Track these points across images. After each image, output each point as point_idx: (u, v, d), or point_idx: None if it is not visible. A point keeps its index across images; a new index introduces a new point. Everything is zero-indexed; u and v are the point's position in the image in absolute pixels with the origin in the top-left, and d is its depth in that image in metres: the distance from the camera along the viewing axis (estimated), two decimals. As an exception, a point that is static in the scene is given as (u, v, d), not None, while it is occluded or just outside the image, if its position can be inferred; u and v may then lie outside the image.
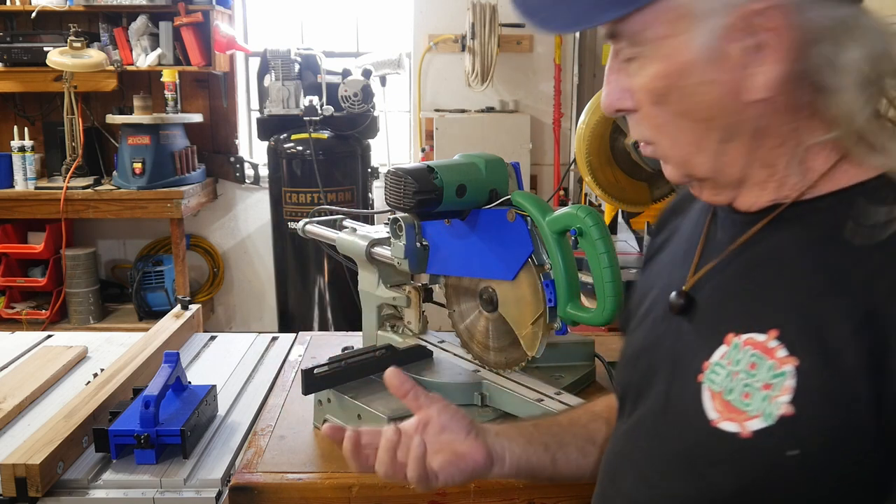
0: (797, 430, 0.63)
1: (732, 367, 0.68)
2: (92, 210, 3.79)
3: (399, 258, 1.33)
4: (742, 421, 0.66)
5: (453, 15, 4.20)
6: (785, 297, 0.66)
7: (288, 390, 1.49)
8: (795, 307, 0.65)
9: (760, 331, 0.67)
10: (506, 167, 1.28)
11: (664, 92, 0.68)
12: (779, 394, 0.64)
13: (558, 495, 1.16)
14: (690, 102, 0.68)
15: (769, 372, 0.65)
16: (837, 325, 0.62)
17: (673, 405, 0.75)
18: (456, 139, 4.06)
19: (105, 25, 4.02)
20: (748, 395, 0.66)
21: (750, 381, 0.66)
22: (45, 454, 1.14)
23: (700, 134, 0.69)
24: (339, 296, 3.85)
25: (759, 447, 0.65)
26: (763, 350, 0.66)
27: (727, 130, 0.68)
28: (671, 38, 0.66)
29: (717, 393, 0.69)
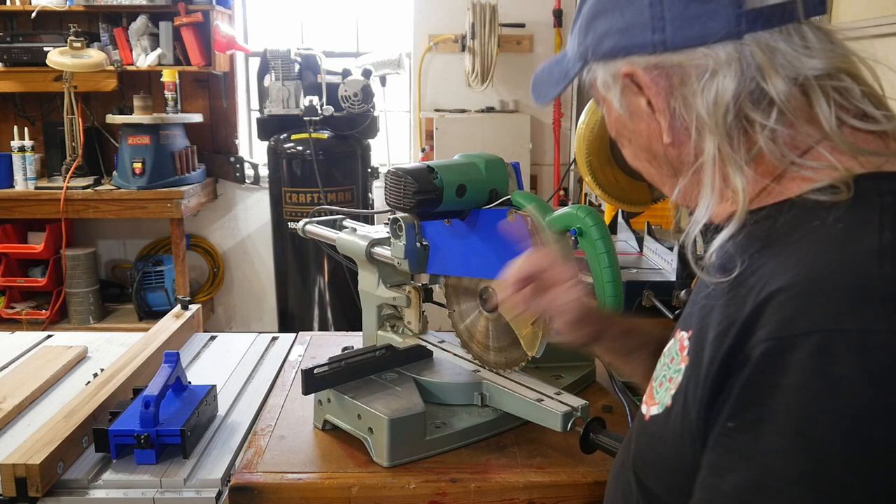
0: (669, 421, 0.71)
1: (665, 359, 0.78)
2: (92, 210, 3.79)
3: (399, 258, 1.33)
4: (650, 405, 0.77)
5: (453, 15, 4.20)
6: (702, 302, 0.73)
7: (288, 390, 1.49)
8: (702, 312, 0.72)
9: (686, 329, 0.75)
10: (506, 167, 1.28)
11: (617, 138, 0.84)
12: (672, 387, 0.73)
13: (558, 495, 1.16)
14: (633, 147, 0.82)
15: (675, 367, 0.74)
16: (710, 332, 0.68)
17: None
18: (456, 139, 4.06)
19: (105, 25, 4.02)
20: (661, 385, 0.76)
21: (665, 373, 0.76)
22: (45, 454, 1.14)
23: (655, 169, 0.81)
24: (339, 296, 3.85)
25: (650, 430, 0.75)
26: (680, 347, 0.74)
27: (669, 166, 0.78)
28: (603, 101, 0.81)
29: (652, 378, 0.80)
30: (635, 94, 0.75)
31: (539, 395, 1.22)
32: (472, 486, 1.15)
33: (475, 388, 1.31)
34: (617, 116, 0.80)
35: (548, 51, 4.28)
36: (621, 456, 0.87)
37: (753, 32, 0.67)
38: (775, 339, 0.60)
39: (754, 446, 0.59)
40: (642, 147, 0.80)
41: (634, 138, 0.80)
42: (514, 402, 1.24)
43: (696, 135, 0.72)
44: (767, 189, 0.71)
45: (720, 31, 0.67)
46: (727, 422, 0.62)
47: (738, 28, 0.67)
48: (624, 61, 0.74)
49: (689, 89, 0.71)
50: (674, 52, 0.70)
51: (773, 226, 0.69)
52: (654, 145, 0.77)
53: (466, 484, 1.15)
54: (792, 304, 0.60)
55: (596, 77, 0.78)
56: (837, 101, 0.69)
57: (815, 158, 0.69)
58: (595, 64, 0.78)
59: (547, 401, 1.20)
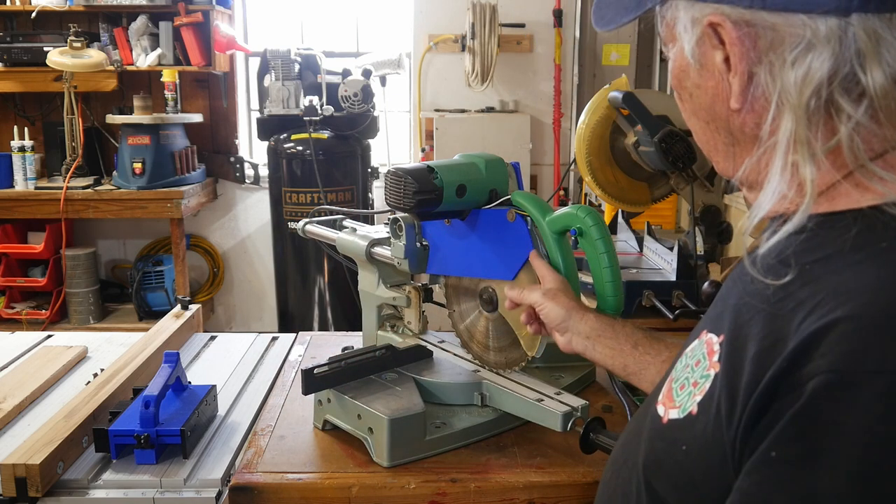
0: (692, 430, 0.66)
1: (689, 360, 0.73)
2: (92, 210, 3.79)
3: (399, 258, 1.33)
4: (668, 408, 0.72)
5: (453, 15, 4.20)
6: (740, 307, 0.68)
7: (288, 390, 1.49)
8: (739, 318, 0.67)
9: (717, 333, 0.69)
10: (506, 167, 1.28)
11: (677, 89, 0.76)
12: (697, 393, 0.67)
13: (558, 495, 1.16)
14: (693, 103, 0.74)
15: (702, 371, 0.68)
16: (750, 345, 0.63)
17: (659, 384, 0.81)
18: (456, 139, 4.07)
19: (105, 25, 4.02)
20: (683, 387, 0.71)
21: (690, 376, 0.71)
22: (45, 454, 1.14)
23: (710, 134, 0.74)
24: (339, 296, 3.85)
25: (667, 435, 0.70)
26: (709, 351, 0.69)
27: (729, 134, 0.71)
28: (672, 43, 0.73)
29: (672, 379, 0.75)
30: (714, 46, 0.68)
31: (539, 395, 1.22)
32: (472, 486, 1.15)
33: (475, 388, 1.31)
34: (684, 64, 0.72)
35: (548, 51, 4.28)
36: (622, 453, 0.83)
37: (863, 13, 0.61)
38: (838, 371, 0.54)
39: (802, 483, 0.55)
40: (703, 106, 0.73)
41: (697, 94, 0.73)
42: (514, 402, 1.24)
43: (776, 110, 0.65)
44: (834, 189, 0.65)
45: (828, 2, 0.61)
46: (770, 450, 0.57)
47: (848, 4, 0.60)
48: (713, 7, 0.66)
49: (779, 57, 0.64)
50: (771, 11, 0.63)
51: (835, 235, 0.63)
52: (717, 107, 0.71)
53: (466, 484, 1.15)
54: (859, 336, 0.55)
55: (675, 15, 0.70)
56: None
57: (891, 167, 0.63)
58: (679, 1, 0.70)
59: (547, 401, 1.20)
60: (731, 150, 0.73)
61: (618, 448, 0.86)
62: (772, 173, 0.67)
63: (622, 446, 0.84)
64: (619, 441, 0.87)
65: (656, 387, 0.83)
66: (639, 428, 0.79)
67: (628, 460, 0.78)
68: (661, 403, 0.73)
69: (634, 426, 0.83)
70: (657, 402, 0.75)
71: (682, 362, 0.74)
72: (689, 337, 0.81)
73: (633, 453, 0.77)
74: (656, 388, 0.82)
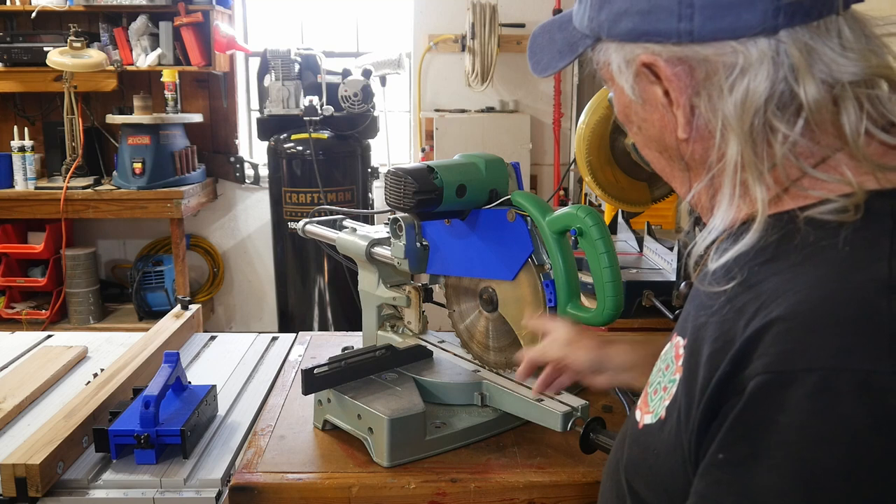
0: (661, 434, 0.68)
1: (661, 364, 0.74)
2: (92, 210, 3.79)
3: (399, 258, 1.33)
4: (644, 413, 0.73)
5: (453, 15, 4.20)
6: (698, 310, 0.69)
7: (288, 390, 1.49)
8: (697, 321, 0.68)
9: (683, 336, 0.71)
10: (506, 167, 1.28)
11: (625, 123, 0.77)
12: (666, 398, 0.69)
13: (558, 495, 1.16)
14: (642, 136, 0.75)
15: (670, 376, 0.70)
16: (704, 348, 0.64)
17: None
18: (456, 139, 4.07)
19: (105, 25, 4.02)
20: (656, 392, 0.72)
21: (661, 380, 0.72)
22: (45, 454, 1.14)
23: (664, 162, 0.76)
24: (339, 296, 3.85)
25: (642, 440, 0.72)
26: (676, 355, 0.70)
27: (682, 161, 0.73)
28: (612, 82, 0.74)
29: (648, 384, 0.76)
30: (651, 82, 0.68)
31: (539, 395, 1.22)
32: (472, 486, 1.15)
33: (475, 388, 1.30)
34: (627, 101, 0.73)
35: (548, 51, 4.28)
36: (615, 454, 0.83)
37: (790, 28, 0.61)
38: (773, 372, 0.55)
39: (746, 483, 0.56)
40: (653, 137, 0.74)
41: (645, 127, 0.73)
42: (514, 402, 1.24)
43: (720, 137, 0.65)
44: (778, 199, 0.66)
45: (755, 25, 0.61)
46: (718, 452, 0.58)
47: (774, 22, 0.61)
48: (643, 47, 0.67)
49: (716, 87, 0.64)
50: (700, 44, 0.64)
51: (775, 239, 0.64)
52: (666, 138, 0.71)
53: (466, 484, 1.15)
54: (792, 335, 0.56)
55: (608, 58, 0.71)
56: (869, 112, 0.63)
57: (828, 170, 0.64)
58: (608, 43, 0.71)
59: (547, 401, 1.20)
60: (686, 176, 0.74)
61: (612, 451, 0.87)
62: (722, 196, 0.68)
63: (614, 450, 0.85)
64: (614, 444, 0.87)
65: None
66: (623, 433, 0.81)
67: (619, 462, 0.80)
68: (639, 408, 0.75)
69: (623, 431, 0.84)
70: (636, 407, 0.76)
71: (657, 367, 0.75)
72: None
73: (620, 458, 0.79)
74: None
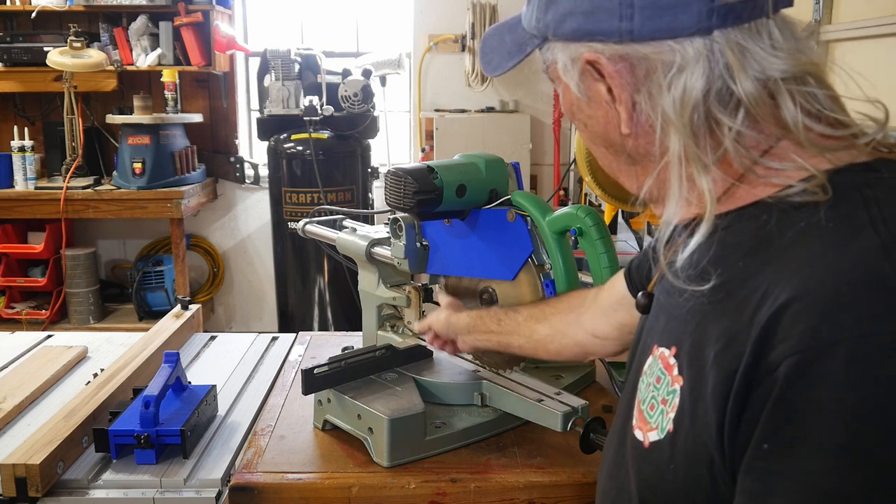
0: (675, 447, 0.67)
1: (649, 378, 0.73)
2: (92, 210, 3.79)
3: (399, 258, 1.33)
4: (646, 431, 0.72)
5: (453, 15, 4.20)
6: (686, 312, 0.69)
7: (288, 390, 1.49)
8: (686, 327, 0.68)
9: (668, 346, 0.71)
10: (506, 167, 1.28)
11: (572, 120, 0.79)
12: (669, 410, 0.68)
13: (558, 495, 1.16)
14: (589, 132, 0.77)
15: (666, 388, 0.69)
16: (707, 350, 0.64)
17: (625, 406, 0.81)
18: (456, 139, 4.06)
19: (105, 25, 4.02)
20: (653, 408, 0.71)
21: (655, 395, 0.71)
22: (45, 454, 1.14)
23: (610, 157, 0.78)
24: (339, 296, 3.85)
25: (653, 458, 0.70)
26: (665, 366, 0.70)
27: (628, 156, 0.75)
28: (558, 81, 0.77)
29: (639, 400, 0.75)
30: (595, 79, 0.71)
31: (539, 395, 1.22)
32: (472, 486, 1.15)
33: (475, 388, 1.30)
34: (573, 99, 0.76)
35: (548, 51, 4.28)
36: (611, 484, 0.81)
37: (723, 29, 0.65)
38: (802, 351, 0.56)
39: (798, 466, 0.56)
40: (598, 133, 0.76)
41: (591, 123, 0.76)
42: (514, 402, 1.24)
43: (661, 132, 0.68)
44: (731, 191, 0.69)
45: (691, 25, 0.65)
46: (761, 444, 0.58)
47: (708, 23, 0.64)
48: (586, 46, 0.70)
49: (655, 84, 0.67)
50: (640, 42, 0.67)
51: (750, 230, 0.66)
52: (611, 133, 0.74)
53: (466, 484, 1.15)
54: (811, 312, 0.56)
55: (554, 57, 0.75)
56: (803, 105, 0.66)
57: (780, 158, 0.67)
58: (554, 43, 0.74)
59: (547, 401, 1.20)
60: (632, 170, 0.76)
61: (604, 479, 0.85)
62: (671, 189, 0.70)
63: (609, 477, 0.83)
64: (604, 472, 0.86)
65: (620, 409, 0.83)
66: (619, 457, 0.79)
67: (622, 491, 0.78)
68: (638, 428, 0.73)
69: (614, 455, 0.82)
70: (633, 427, 0.75)
71: (644, 381, 0.74)
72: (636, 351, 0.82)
73: (624, 482, 0.77)
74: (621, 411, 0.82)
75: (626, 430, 0.77)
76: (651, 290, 0.81)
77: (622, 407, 0.82)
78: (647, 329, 0.79)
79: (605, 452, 0.87)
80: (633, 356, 0.84)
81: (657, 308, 0.78)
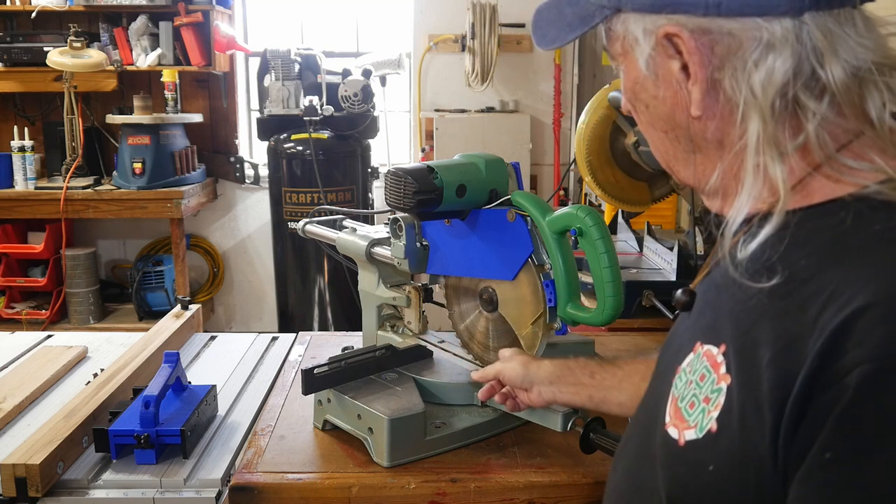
0: (717, 447, 0.64)
1: (690, 376, 0.70)
2: (92, 210, 3.79)
3: (399, 258, 1.33)
4: (682, 429, 0.68)
5: (453, 15, 4.20)
6: (738, 311, 0.67)
7: (288, 390, 1.49)
8: (740, 325, 0.66)
9: (715, 343, 0.68)
10: (506, 167, 1.28)
11: (633, 102, 0.76)
12: (712, 409, 0.65)
13: (558, 495, 1.16)
14: (650, 114, 0.74)
15: (711, 386, 0.66)
16: (762, 350, 0.61)
17: (654, 403, 0.77)
18: (456, 139, 4.06)
19: (105, 25, 4.02)
20: (693, 405, 0.68)
21: (697, 392, 0.68)
22: (45, 454, 1.14)
23: (668, 144, 0.74)
24: (339, 296, 3.85)
25: (689, 457, 0.67)
26: (712, 364, 0.67)
27: (690, 142, 0.72)
28: (624, 57, 0.73)
29: (675, 398, 0.71)
30: (670, 56, 0.68)
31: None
32: (472, 486, 1.15)
33: (475, 388, 1.30)
34: (639, 77, 0.72)
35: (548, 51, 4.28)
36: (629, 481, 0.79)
37: (815, 11, 0.62)
38: (879, 359, 0.53)
39: (863, 479, 0.53)
40: (661, 116, 0.72)
41: (655, 105, 0.72)
42: (514, 402, 1.24)
43: (742, 112, 0.65)
44: (806, 185, 0.66)
45: (782, 4, 0.62)
46: (823, 453, 0.55)
47: (801, 4, 0.62)
48: (667, 18, 0.66)
49: (740, 62, 0.64)
50: (727, 17, 0.64)
51: (824, 228, 0.63)
52: (677, 116, 0.70)
53: (466, 484, 1.15)
54: (891, 320, 0.54)
55: (625, 30, 0.70)
56: (887, 98, 0.64)
57: (857, 156, 0.64)
58: (628, 14, 0.69)
59: (547, 401, 1.20)
60: (691, 158, 0.73)
61: (619, 475, 0.82)
62: (745, 177, 0.67)
63: (626, 474, 0.81)
64: (620, 468, 0.83)
65: (645, 406, 0.81)
66: (645, 452, 0.76)
67: (643, 489, 0.75)
68: (673, 425, 0.70)
69: (636, 451, 0.80)
70: (665, 424, 0.71)
71: (682, 379, 0.71)
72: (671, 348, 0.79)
73: (647, 479, 0.74)
74: (647, 408, 0.80)
75: (655, 427, 0.74)
76: (693, 288, 0.78)
77: (648, 404, 0.80)
78: (689, 326, 0.76)
79: (624, 448, 0.84)
80: (665, 353, 0.82)
81: (703, 304, 0.75)
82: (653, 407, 0.77)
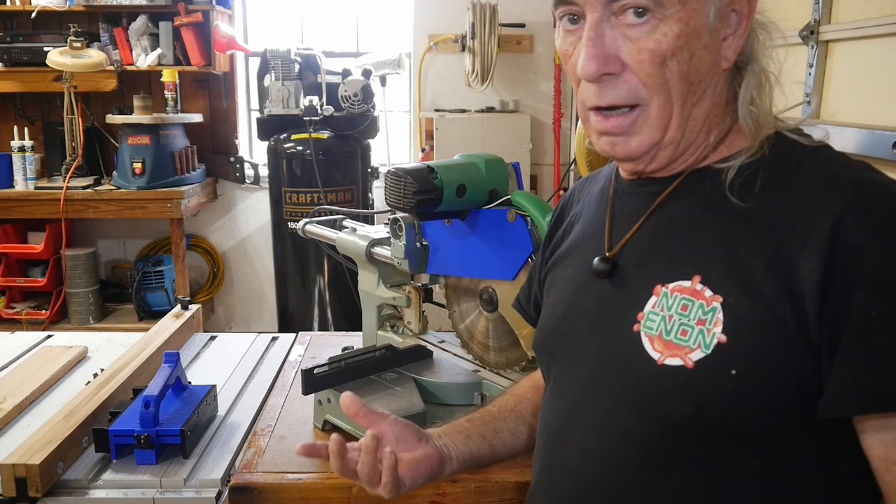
0: (732, 354, 0.72)
1: (665, 312, 0.77)
2: (92, 210, 3.79)
3: (399, 258, 1.33)
4: (684, 354, 0.75)
5: (453, 15, 4.20)
6: (701, 247, 0.77)
7: (288, 390, 1.49)
8: (712, 255, 0.75)
9: (685, 278, 0.77)
10: (506, 167, 1.28)
11: (675, 51, 0.75)
12: (712, 327, 0.73)
13: (558, 495, 1.16)
14: (691, 65, 0.76)
15: (700, 310, 0.75)
16: (752, 265, 0.72)
17: (609, 357, 0.82)
18: (456, 139, 4.06)
19: (105, 25, 4.02)
20: (685, 332, 0.75)
21: (685, 321, 0.75)
22: (45, 454, 1.14)
23: (685, 96, 0.77)
24: (339, 296, 3.85)
25: (703, 373, 0.73)
26: (691, 293, 0.76)
27: (701, 95, 0.78)
28: (682, 6, 0.74)
29: (656, 336, 0.77)
30: (734, 9, 0.77)
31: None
32: (472, 486, 1.15)
33: (475, 388, 1.31)
34: (699, 26, 0.75)
35: (548, 51, 4.28)
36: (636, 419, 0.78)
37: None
38: (885, 233, 0.67)
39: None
40: (701, 68, 0.76)
41: (701, 55, 0.76)
42: (514, 402, 1.24)
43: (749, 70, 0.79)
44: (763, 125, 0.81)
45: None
46: (868, 312, 0.66)
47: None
48: None
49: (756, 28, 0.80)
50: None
51: (782, 154, 0.77)
52: (715, 67, 0.78)
53: (466, 484, 1.15)
54: (871, 210, 0.68)
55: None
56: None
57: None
58: None
59: (547, 401, 1.20)
60: (690, 111, 0.78)
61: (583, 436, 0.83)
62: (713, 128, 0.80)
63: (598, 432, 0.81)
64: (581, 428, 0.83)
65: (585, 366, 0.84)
66: (617, 401, 0.79)
67: (629, 435, 0.78)
68: (671, 356, 0.75)
69: (607, 403, 0.80)
70: (655, 361, 0.76)
71: (655, 319, 0.77)
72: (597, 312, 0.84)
73: (626, 423, 0.78)
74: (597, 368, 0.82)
75: (628, 372, 0.78)
76: (611, 256, 0.84)
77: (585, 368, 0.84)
78: (631, 280, 0.82)
79: (582, 409, 0.84)
80: (581, 319, 0.86)
81: (645, 255, 0.82)
82: (605, 364, 0.81)
